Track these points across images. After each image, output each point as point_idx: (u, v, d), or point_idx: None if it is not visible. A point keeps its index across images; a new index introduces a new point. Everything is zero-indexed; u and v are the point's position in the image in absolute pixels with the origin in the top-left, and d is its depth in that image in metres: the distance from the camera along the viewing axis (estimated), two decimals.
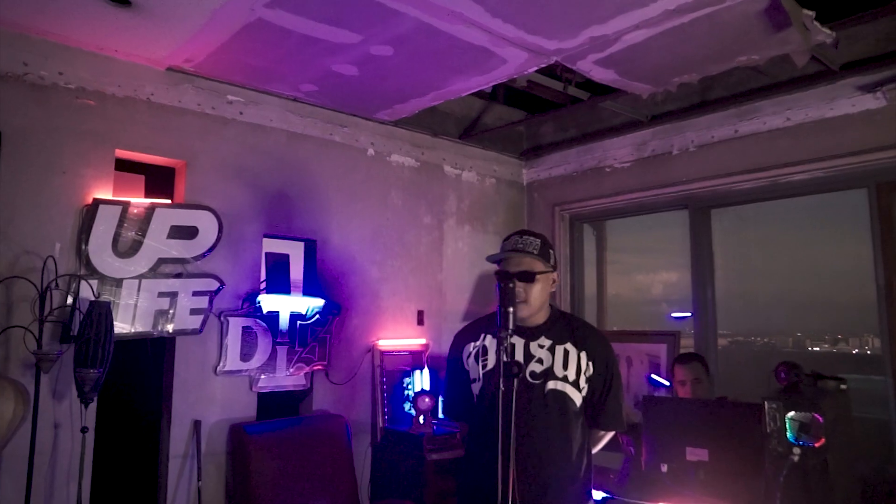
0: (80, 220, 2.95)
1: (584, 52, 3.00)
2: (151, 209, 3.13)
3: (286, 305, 3.55)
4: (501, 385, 1.82)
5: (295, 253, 3.71)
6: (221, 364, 3.32)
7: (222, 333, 3.33)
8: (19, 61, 2.85)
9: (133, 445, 3.33)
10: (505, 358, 1.84)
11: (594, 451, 2.26)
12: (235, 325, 3.37)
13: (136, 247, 3.08)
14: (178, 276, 3.20)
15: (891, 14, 2.98)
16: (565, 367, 2.10)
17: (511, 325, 1.87)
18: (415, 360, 4.05)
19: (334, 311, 3.73)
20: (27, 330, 2.68)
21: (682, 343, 4.05)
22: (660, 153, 4.15)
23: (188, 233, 3.24)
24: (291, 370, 3.55)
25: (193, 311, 3.23)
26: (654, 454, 2.80)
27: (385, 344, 3.95)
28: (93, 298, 2.84)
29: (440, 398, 3.65)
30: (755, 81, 3.65)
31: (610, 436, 2.29)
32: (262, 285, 3.51)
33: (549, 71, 3.62)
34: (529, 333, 2.12)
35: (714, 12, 2.61)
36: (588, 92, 3.91)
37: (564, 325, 2.18)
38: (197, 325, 3.24)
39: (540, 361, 2.09)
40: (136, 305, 3.07)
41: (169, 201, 3.27)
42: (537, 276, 2.06)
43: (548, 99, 4.11)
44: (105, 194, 3.04)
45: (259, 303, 3.44)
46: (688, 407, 2.84)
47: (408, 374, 4.02)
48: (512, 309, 1.89)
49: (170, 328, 3.16)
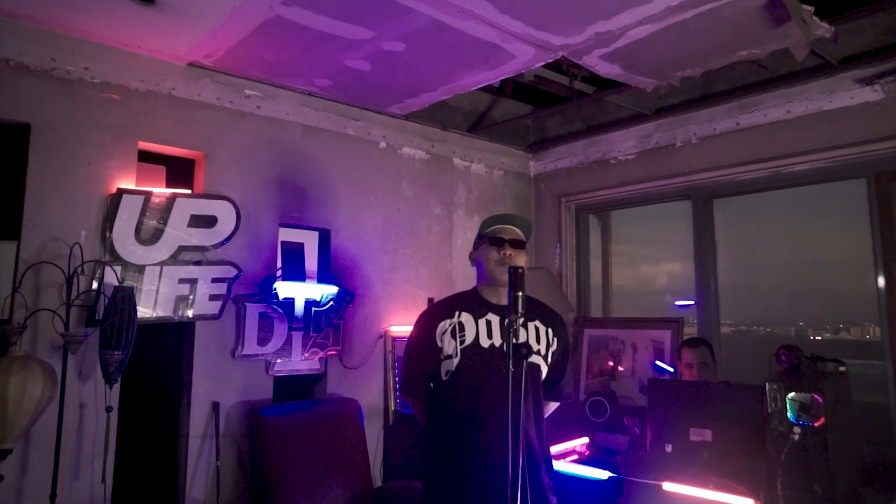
0: (104, 209, 3.07)
1: (589, 47, 3.10)
2: (172, 199, 3.25)
3: (301, 292, 3.66)
4: (511, 366, 1.92)
5: (309, 242, 3.83)
6: (239, 348, 3.44)
7: (240, 319, 3.45)
8: (48, 56, 2.97)
9: (154, 425, 3.45)
10: (514, 340, 1.94)
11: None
12: (253, 310, 3.49)
13: (157, 235, 3.20)
14: (198, 263, 3.32)
15: (889, 8, 3.07)
16: (538, 341, 2.23)
17: (520, 308, 1.97)
18: None
19: (347, 298, 3.85)
20: (55, 313, 2.81)
21: (686, 331, 4.15)
22: (663, 145, 4.24)
23: (207, 222, 3.36)
24: (306, 355, 3.67)
25: (212, 297, 3.35)
26: (658, 435, 2.91)
27: (396, 330, 4.06)
28: (117, 284, 2.96)
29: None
30: (756, 75, 3.74)
31: (555, 407, 2.40)
32: (279, 273, 3.63)
33: (556, 66, 3.73)
34: (503, 310, 2.20)
35: (716, 8, 2.70)
36: (593, 86, 4.00)
37: (530, 305, 2.28)
38: (216, 311, 3.36)
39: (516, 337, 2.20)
40: (157, 291, 3.19)
41: (189, 191, 3.39)
42: (525, 246, 2.23)
43: (554, 93, 4.21)
44: (128, 184, 3.16)
45: (275, 289, 3.56)
46: (691, 389, 2.94)
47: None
48: (521, 294, 1.99)
49: (190, 313, 3.28)
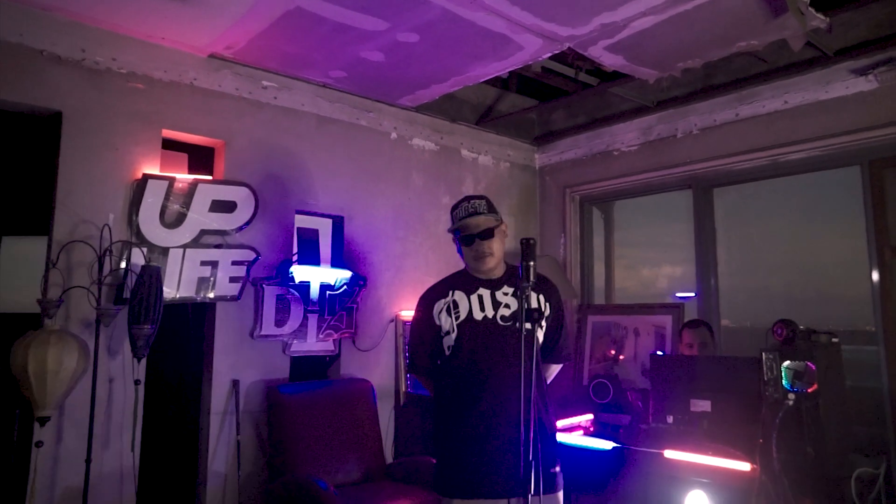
0: (131, 193, 3.22)
1: (594, 38, 3.24)
2: (194, 184, 3.39)
3: (316, 276, 3.80)
4: (524, 329, 2.06)
5: (324, 228, 3.97)
6: (257, 329, 3.58)
7: (258, 301, 3.59)
8: (78, 48, 3.12)
9: (177, 402, 3.59)
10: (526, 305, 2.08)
11: (548, 383, 2.51)
12: (270, 293, 3.63)
13: (180, 219, 3.34)
14: (219, 246, 3.46)
15: (882, 1, 3.21)
16: (527, 308, 2.35)
17: (531, 278, 2.11)
18: None
19: (360, 282, 3.98)
20: (88, 290, 2.95)
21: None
22: (665, 136, 4.38)
23: (227, 207, 3.50)
24: (321, 336, 3.81)
25: (232, 279, 3.49)
26: (660, 407, 3.04)
27: (407, 315, 4.19)
28: (144, 264, 3.10)
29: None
30: (755, 67, 3.87)
31: (557, 370, 2.52)
32: (294, 257, 3.76)
33: (561, 59, 3.87)
34: (492, 284, 2.35)
35: None
36: (597, 79, 4.15)
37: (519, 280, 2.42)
38: (235, 293, 3.50)
39: (507, 307, 2.33)
40: (180, 273, 3.33)
41: (210, 177, 3.53)
42: (494, 231, 2.31)
43: (558, 87, 4.35)
44: (153, 170, 3.30)
45: (291, 273, 3.70)
46: (692, 363, 3.07)
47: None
48: (532, 263, 2.13)
49: (211, 294, 3.42)
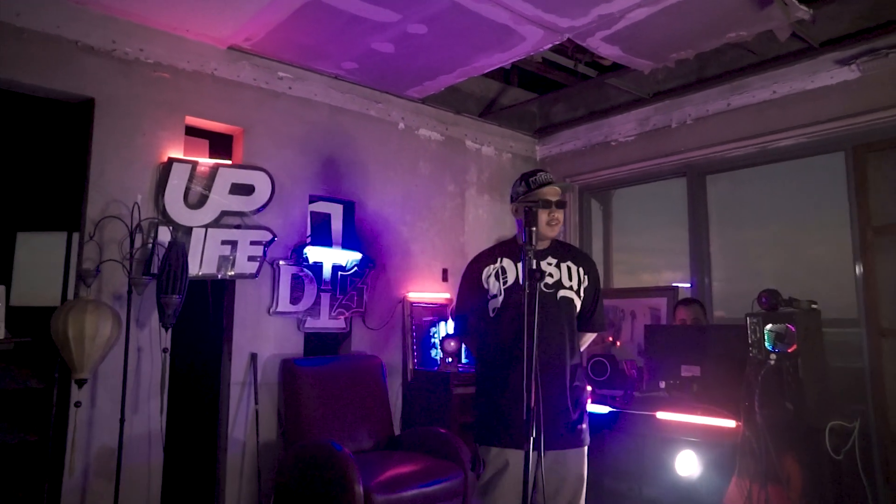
0: (157, 176, 3.43)
1: (592, 29, 3.45)
2: (215, 168, 3.60)
3: (329, 257, 4.01)
4: (527, 287, 2.26)
5: (336, 212, 4.18)
6: (274, 306, 3.79)
7: (275, 279, 3.80)
8: (109, 39, 3.33)
9: (198, 373, 3.79)
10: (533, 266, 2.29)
11: (581, 350, 2.71)
12: (286, 272, 3.84)
13: (202, 200, 3.56)
14: (238, 227, 3.67)
15: None
16: (570, 278, 2.56)
17: (534, 242, 2.32)
18: (440, 313, 4.51)
19: (370, 264, 4.19)
20: (121, 263, 3.16)
21: None
22: (660, 127, 4.59)
23: (246, 190, 3.71)
24: (333, 314, 4.02)
25: (250, 259, 3.70)
26: (654, 374, 3.25)
27: (414, 296, 4.40)
28: (170, 240, 3.31)
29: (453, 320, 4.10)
30: (746, 59, 4.07)
31: (593, 337, 2.72)
32: (308, 239, 3.97)
33: (561, 52, 4.08)
34: (538, 254, 2.55)
35: None
36: (596, 71, 4.35)
37: (564, 249, 2.64)
38: (253, 271, 3.71)
39: (551, 275, 2.54)
40: (202, 251, 3.54)
41: (229, 162, 3.74)
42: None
43: (559, 81, 4.56)
44: (177, 154, 3.51)
45: (305, 254, 3.91)
46: (683, 332, 3.28)
47: (434, 324, 4.47)
48: (535, 229, 2.33)
49: (231, 272, 3.63)
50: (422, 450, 3.63)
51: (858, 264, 3.64)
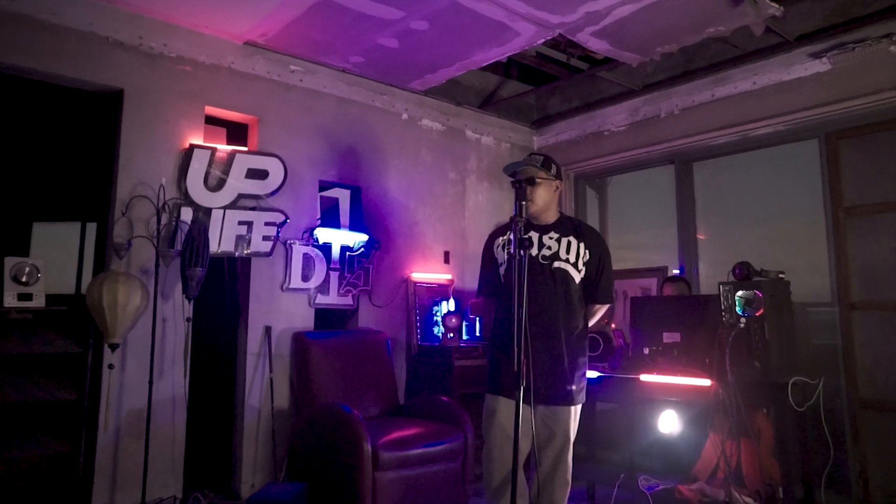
0: (179, 160, 3.72)
1: (581, 24, 3.72)
2: (232, 154, 3.89)
3: (337, 238, 4.30)
4: (520, 253, 2.54)
5: (343, 197, 4.47)
6: (286, 282, 4.07)
7: (287, 258, 4.08)
8: (136, 35, 3.62)
9: (216, 344, 4.07)
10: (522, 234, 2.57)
11: (591, 322, 2.96)
12: (297, 251, 4.13)
13: (221, 183, 3.84)
14: (253, 209, 3.96)
15: None
16: (568, 252, 2.81)
17: (524, 215, 2.59)
18: (442, 292, 4.79)
19: (376, 246, 4.47)
20: (149, 239, 3.46)
21: None
22: (650, 117, 4.86)
23: (261, 175, 3.99)
24: (341, 292, 4.30)
25: (265, 238, 3.98)
26: (638, 341, 3.53)
27: (417, 277, 4.69)
28: (192, 219, 3.60)
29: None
30: (728, 53, 4.34)
31: (603, 310, 2.97)
32: (318, 221, 4.26)
33: (555, 47, 4.35)
34: (542, 229, 2.83)
35: None
36: (588, 64, 4.63)
37: (570, 225, 2.88)
38: (268, 250, 3.99)
39: (549, 248, 2.80)
40: (221, 230, 3.82)
41: (245, 149, 4.02)
42: (538, 181, 2.77)
43: (555, 74, 4.83)
44: (198, 141, 3.80)
45: (316, 235, 4.20)
46: (665, 303, 3.55)
47: (436, 303, 4.75)
48: (525, 202, 2.61)
49: (247, 251, 3.91)
50: (425, 416, 3.91)
51: (831, 243, 3.90)
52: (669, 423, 3.40)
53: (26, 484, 3.13)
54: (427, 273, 4.77)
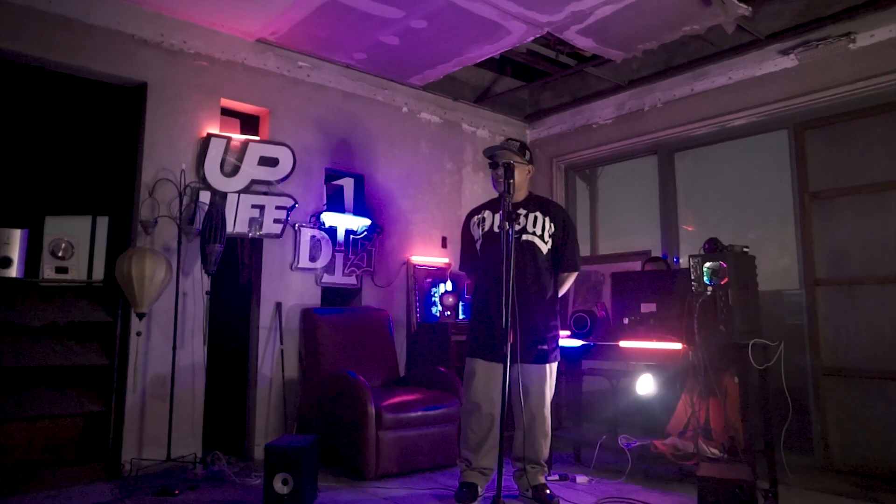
0: (198, 148, 4.04)
1: (567, 23, 4.05)
2: (246, 143, 4.21)
3: (342, 222, 4.62)
4: (507, 226, 2.88)
5: (348, 184, 4.79)
6: (295, 262, 4.40)
7: (296, 240, 4.41)
8: (158, 33, 3.95)
9: (232, 319, 4.40)
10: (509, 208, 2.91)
11: (561, 292, 3.30)
12: (305, 234, 4.45)
13: (235, 170, 4.16)
14: (265, 193, 4.28)
15: None
16: (534, 226, 3.17)
17: (511, 192, 2.94)
18: (439, 275, 5.11)
19: (378, 230, 4.80)
20: (171, 219, 3.78)
21: None
22: (635, 110, 5.19)
23: (272, 162, 4.31)
24: (346, 272, 4.63)
25: (276, 221, 4.30)
26: (619, 313, 3.85)
27: (416, 259, 5.01)
28: (210, 201, 3.92)
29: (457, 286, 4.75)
30: (706, 50, 4.67)
31: (572, 277, 3.31)
32: (324, 206, 4.58)
33: (546, 46, 4.67)
34: (514, 206, 3.19)
35: None
36: (576, 61, 4.95)
37: (537, 202, 3.26)
38: (278, 232, 4.31)
39: (518, 223, 3.16)
40: (236, 212, 4.14)
41: (258, 138, 4.35)
42: (513, 164, 3.10)
43: (546, 71, 5.16)
44: (214, 130, 4.12)
45: (322, 219, 4.52)
46: (642, 277, 3.88)
47: (434, 284, 5.07)
48: (512, 181, 2.96)
49: (259, 232, 4.24)
50: (424, 385, 4.24)
51: (798, 225, 4.23)
52: (646, 386, 3.73)
53: (67, 437, 3.45)
54: (426, 256, 5.10)
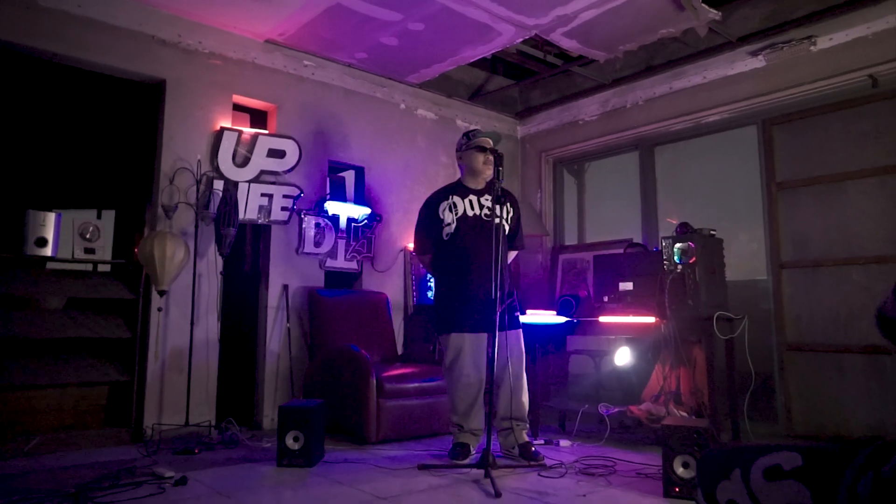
0: (212, 141, 4.37)
1: (553, 26, 4.39)
2: (256, 136, 4.54)
3: (344, 211, 4.95)
4: (497, 211, 3.23)
5: (349, 176, 5.13)
6: (301, 247, 4.73)
7: (301, 226, 4.74)
8: (176, 34, 4.27)
9: (243, 299, 4.72)
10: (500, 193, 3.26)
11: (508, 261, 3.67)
12: (310, 221, 4.78)
13: (246, 161, 4.49)
14: (273, 183, 4.61)
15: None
16: (500, 211, 3.51)
17: (501, 178, 3.30)
18: None
19: (377, 218, 5.14)
20: (190, 205, 4.11)
21: None
22: (618, 107, 5.54)
23: (279, 154, 4.64)
24: (347, 257, 4.96)
25: (283, 209, 4.63)
26: (599, 292, 4.20)
27: (413, 246, 5.34)
28: (224, 188, 4.25)
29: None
30: (683, 51, 5.02)
31: (515, 254, 3.72)
32: (328, 195, 4.92)
33: (534, 46, 5.02)
34: (477, 192, 3.57)
35: None
36: (562, 60, 5.30)
37: (494, 188, 3.57)
38: (285, 219, 4.64)
39: (486, 208, 3.52)
40: (246, 200, 4.47)
41: (266, 132, 4.68)
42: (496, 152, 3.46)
43: (535, 70, 5.50)
44: (227, 124, 4.45)
45: (325, 207, 4.85)
46: (620, 259, 4.23)
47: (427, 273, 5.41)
48: (501, 168, 3.31)
49: (268, 219, 4.57)
50: (420, 361, 4.58)
51: (766, 212, 4.59)
52: (624, 357, 4.08)
53: (94, 404, 3.78)
54: None
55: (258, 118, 4.79)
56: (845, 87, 4.24)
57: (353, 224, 5.01)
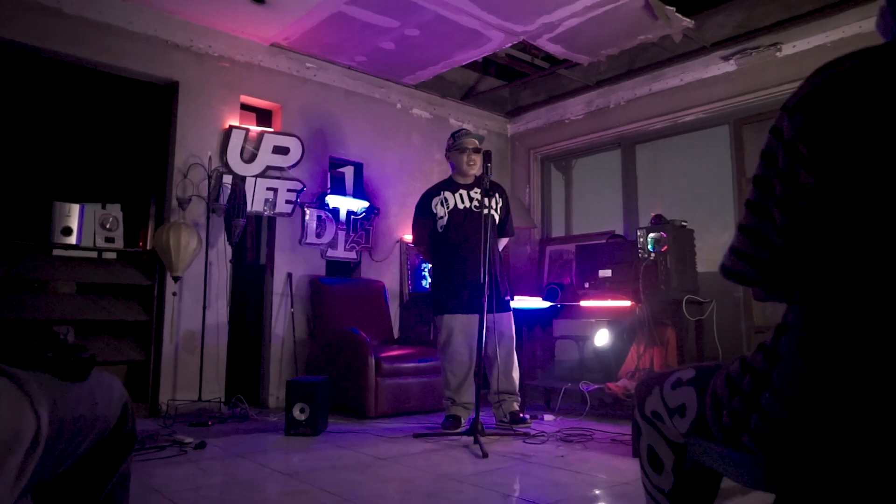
0: (221, 138, 4.68)
1: (540, 32, 4.72)
2: (262, 134, 4.85)
3: (344, 204, 5.28)
4: (487, 202, 3.57)
5: (348, 171, 5.45)
6: (303, 238, 5.05)
7: (304, 218, 5.06)
8: (188, 38, 4.59)
9: (250, 286, 5.04)
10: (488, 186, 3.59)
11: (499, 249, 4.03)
12: (312, 213, 5.10)
13: (252, 157, 4.81)
14: (278, 178, 4.92)
15: (741, 7, 4.72)
16: (490, 203, 3.84)
17: (490, 174, 3.63)
18: None
19: (375, 211, 5.46)
20: (202, 198, 4.43)
21: None
22: (602, 107, 5.88)
23: (284, 151, 4.95)
24: (347, 247, 5.29)
25: (287, 202, 4.94)
26: (581, 279, 4.54)
27: (409, 238, 5.66)
28: (233, 182, 4.57)
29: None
30: (662, 55, 5.36)
31: (506, 241, 4.06)
32: (328, 190, 5.24)
33: (522, 49, 5.35)
34: (466, 187, 3.92)
35: (615, 7, 4.33)
36: (549, 63, 5.63)
37: (483, 182, 3.89)
38: (289, 211, 4.96)
39: (476, 200, 3.86)
40: (253, 194, 4.78)
41: (272, 130, 4.99)
42: (480, 150, 3.82)
43: (524, 72, 5.83)
44: (235, 123, 4.76)
45: (327, 201, 5.17)
46: (600, 248, 4.57)
47: (424, 260, 5.74)
48: (489, 164, 3.65)
49: (273, 211, 4.88)
50: (414, 343, 4.91)
51: (736, 205, 4.94)
52: (603, 338, 4.42)
53: None
54: None
55: (264, 117, 5.10)
56: None
57: (352, 217, 5.33)
